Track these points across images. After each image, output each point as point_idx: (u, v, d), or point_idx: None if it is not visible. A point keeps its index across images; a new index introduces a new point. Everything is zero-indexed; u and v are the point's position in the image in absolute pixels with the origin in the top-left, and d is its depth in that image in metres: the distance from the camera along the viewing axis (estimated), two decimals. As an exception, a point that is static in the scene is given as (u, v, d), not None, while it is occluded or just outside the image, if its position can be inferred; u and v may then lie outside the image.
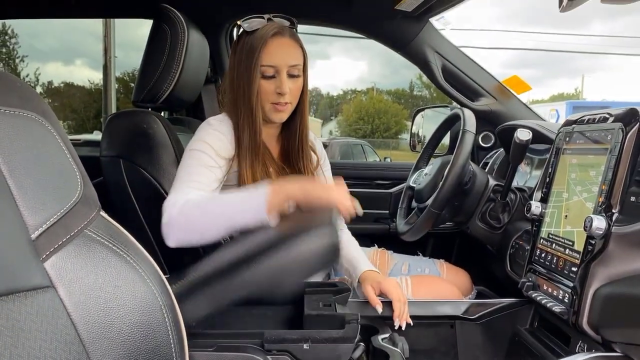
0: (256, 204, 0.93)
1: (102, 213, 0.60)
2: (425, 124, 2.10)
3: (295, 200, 0.94)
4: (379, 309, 1.14)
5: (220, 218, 0.96)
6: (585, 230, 0.89)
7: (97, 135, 5.46)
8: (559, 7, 1.13)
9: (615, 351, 0.87)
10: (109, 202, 1.19)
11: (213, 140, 1.11)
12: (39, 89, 23.04)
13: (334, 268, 1.39)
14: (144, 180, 1.20)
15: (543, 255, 1.07)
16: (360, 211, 0.99)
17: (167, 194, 1.18)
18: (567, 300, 0.95)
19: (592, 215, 0.89)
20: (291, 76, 1.15)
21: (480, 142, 1.83)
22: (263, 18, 1.14)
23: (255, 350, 0.81)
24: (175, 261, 1.23)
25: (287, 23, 1.17)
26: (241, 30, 1.16)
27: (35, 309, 0.46)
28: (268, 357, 0.81)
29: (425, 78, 1.78)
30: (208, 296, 0.79)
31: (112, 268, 0.54)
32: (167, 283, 0.60)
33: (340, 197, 0.93)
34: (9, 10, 1.69)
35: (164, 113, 1.68)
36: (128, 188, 1.22)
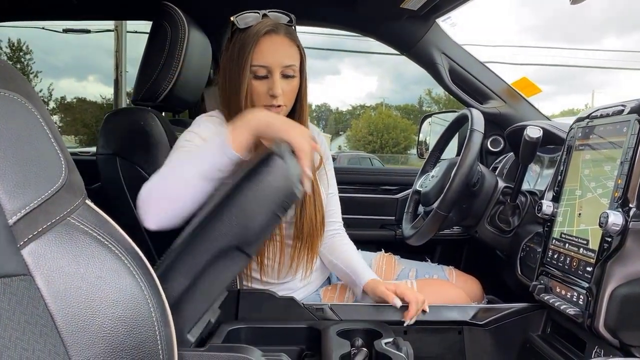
0: (219, 144, 0.87)
1: (88, 201, 0.57)
2: (433, 131, 2.06)
3: (257, 134, 0.88)
4: (398, 302, 1.09)
5: (187, 171, 0.89)
6: (600, 227, 0.84)
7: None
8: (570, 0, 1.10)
9: (635, 356, 0.81)
10: (107, 204, 1.17)
11: (201, 130, 1.08)
12: (52, 104, 23.43)
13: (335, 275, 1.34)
14: (140, 179, 1.16)
15: (556, 256, 1.02)
16: None
17: (164, 192, 1.15)
18: (582, 302, 0.89)
19: (607, 211, 0.84)
20: (285, 77, 1.08)
21: (489, 146, 1.78)
22: (258, 13, 1.09)
23: (249, 350, 0.77)
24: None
25: (284, 19, 1.10)
26: (234, 26, 1.10)
27: (7, 296, 0.43)
28: (262, 358, 0.77)
29: (434, 93, 1.75)
30: (187, 262, 0.75)
31: (96, 258, 0.51)
32: (155, 276, 0.57)
33: (300, 138, 0.84)
34: (11, 12, 1.69)
35: (168, 115, 1.67)
36: (124, 186, 1.19)
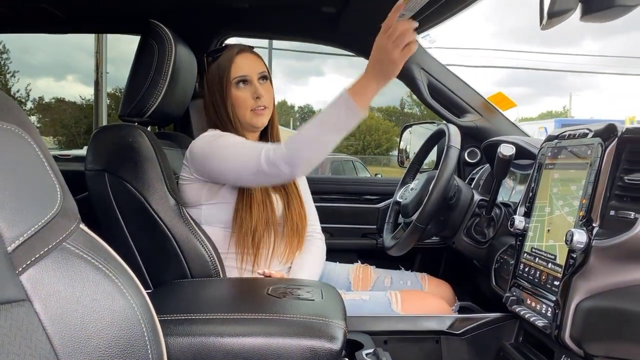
0: (349, 108, 1.03)
1: (82, 226, 0.59)
2: (413, 140, 2.12)
3: (378, 87, 1.03)
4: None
5: (325, 134, 1.06)
6: (566, 244, 0.90)
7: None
8: (540, 25, 1.16)
9: (597, 365, 0.87)
10: (93, 216, 1.19)
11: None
12: (29, 105, 22.95)
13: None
14: (128, 195, 1.20)
15: (527, 269, 1.08)
16: None
17: (152, 208, 1.19)
18: (549, 314, 0.95)
19: (573, 229, 0.90)
20: (262, 78, 1.30)
21: (467, 157, 1.85)
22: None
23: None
24: (159, 277, 1.22)
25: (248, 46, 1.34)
26: (208, 58, 1.35)
27: (9, 322, 0.45)
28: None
29: (415, 96, 1.80)
30: None
31: (91, 281, 0.53)
32: (147, 297, 0.60)
33: (401, 51, 0.98)
34: (-3, 25, 1.69)
35: (153, 128, 1.69)
36: (113, 202, 1.21)
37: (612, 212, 0.89)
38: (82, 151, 5.60)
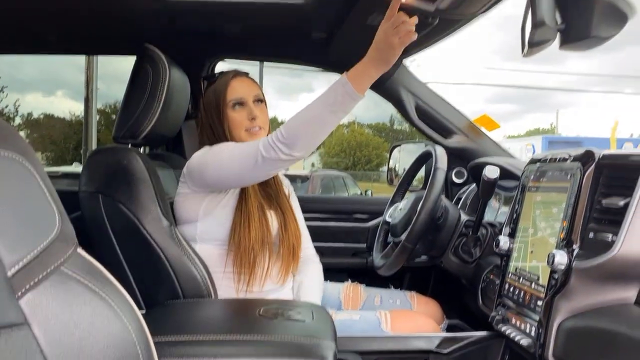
0: (346, 93, 1.06)
1: (79, 250, 0.61)
2: (402, 159, 2.16)
3: (377, 73, 1.07)
4: None
5: (322, 115, 1.08)
6: (548, 264, 0.94)
7: (76, 168, 5.41)
8: (522, 52, 1.21)
9: (580, 383, 0.90)
10: (86, 237, 1.21)
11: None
12: (17, 120, 22.80)
13: None
14: (122, 216, 1.21)
15: (511, 289, 1.11)
16: None
17: (145, 229, 1.21)
18: (533, 334, 0.98)
19: (554, 251, 0.93)
20: (257, 101, 1.35)
21: (454, 177, 1.89)
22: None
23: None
24: (152, 296, 1.24)
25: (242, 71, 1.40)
26: (205, 84, 1.40)
27: (9, 346, 0.47)
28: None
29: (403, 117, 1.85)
30: None
31: (88, 305, 0.55)
32: (142, 320, 0.62)
33: (401, 37, 1.03)
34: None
35: (145, 148, 1.71)
36: (106, 223, 1.22)
37: (591, 235, 0.92)
38: (72, 168, 5.58)
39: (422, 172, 1.86)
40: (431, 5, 1.16)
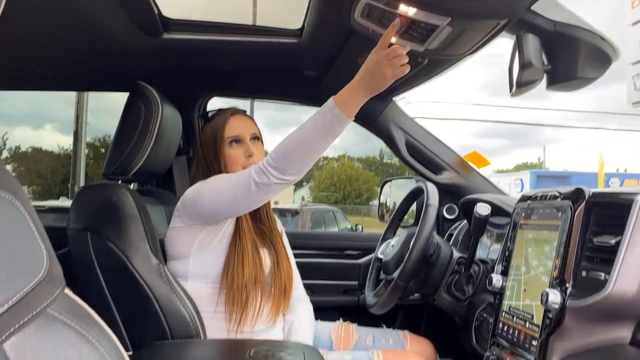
0: (334, 117, 1.06)
1: (67, 291, 0.60)
2: (393, 194, 2.17)
3: (364, 98, 1.08)
4: None
5: (311, 139, 1.08)
6: (542, 303, 0.93)
7: (63, 202, 5.33)
8: (510, 92, 1.23)
9: None
10: (73, 274, 1.18)
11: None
12: (5, 154, 22.67)
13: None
14: (110, 254, 1.19)
15: (505, 328, 1.10)
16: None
17: (134, 267, 1.19)
18: (529, 375, 0.96)
19: (547, 289, 0.93)
20: (254, 139, 1.36)
21: (445, 213, 1.89)
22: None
23: None
24: (139, 337, 1.20)
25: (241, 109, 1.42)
26: (202, 122, 1.44)
27: None
28: None
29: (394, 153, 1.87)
30: None
31: (74, 348, 0.53)
32: None
33: (394, 70, 1.05)
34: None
35: (134, 184, 1.70)
36: (94, 261, 1.20)
37: (583, 273, 0.92)
38: (58, 202, 5.50)
39: (413, 207, 1.86)
40: (421, 46, 1.19)
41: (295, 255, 1.52)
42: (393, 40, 1.07)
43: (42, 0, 1.10)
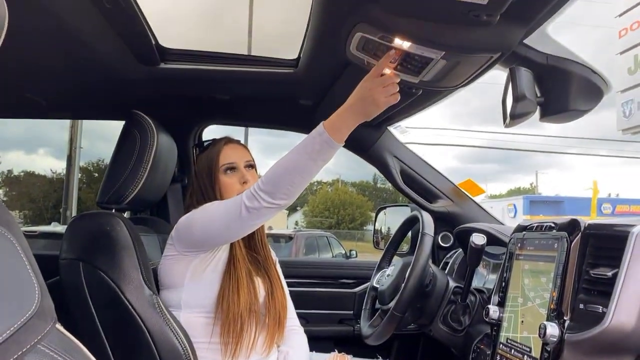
0: (324, 141, 1.06)
1: (58, 326, 0.59)
2: (388, 220, 2.17)
3: (355, 123, 1.09)
4: None
5: (301, 164, 1.08)
6: (540, 337, 0.92)
7: (54, 227, 5.27)
8: (504, 123, 1.25)
9: None
10: (63, 303, 1.16)
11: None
12: (-4, 178, 22.54)
13: None
14: (103, 284, 1.18)
15: (503, 361, 1.08)
16: None
17: (126, 298, 1.17)
18: (528, 410, 0.94)
19: (545, 322, 0.92)
20: (248, 166, 1.37)
21: (440, 242, 1.89)
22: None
23: None
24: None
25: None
26: (197, 152, 1.44)
27: None
28: None
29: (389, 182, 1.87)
30: None
31: None
32: None
33: (386, 97, 1.07)
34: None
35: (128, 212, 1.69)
36: (86, 292, 1.18)
37: (581, 306, 0.92)
38: (50, 227, 5.44)
39: (408, 234, 1.86)
40: (415, 77, 1.20)
41: (289, 284, 1.51)
42: (387, 71, 1.09)
43: (40, 28, 1.11)
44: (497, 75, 1.29)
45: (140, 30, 1.25)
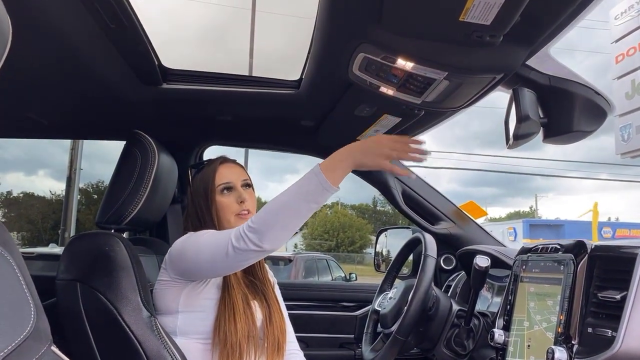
0: (319, 183, 1.04)
1: (53, 347, 0.58)
2: (389, 243, 2.14)
3: (352, 168, 1.08)
4: None
5: (295, 206, 1.05)
6: (548, 362, 0.90)
7: (52, 249, 5.23)
8: (506, 144, 1.24)
9: None
10: (59, 325, 1.13)
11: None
12: (-5, 199, 22.52)
13: None
14: (100, 306, 1.15)
15: (510, 387, 1.05)
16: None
17: (124, 321, 1.14)
18: None
19: (553, 347, 0.90)
20: (245, 186, 1.35)
21: (442, 264, 1.87)
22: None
23: None
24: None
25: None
26: (192, 173, 1.41)
27: None
28: None
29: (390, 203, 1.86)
30: None
31: None
32: None
33: (390, 153, 1.07)
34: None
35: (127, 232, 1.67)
36: (82, 314, 1.16)
37: (589, 329, 0.90)
38: (47, 249, 5.39)
39: (409, 256, 1.84)
40: (418, 98, 1.20)
41: (289, 307, 1.48)
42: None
43: (42, 48, 1.11)
44: (496, 99, 1.30)
45: (144, 51, 1.26)
